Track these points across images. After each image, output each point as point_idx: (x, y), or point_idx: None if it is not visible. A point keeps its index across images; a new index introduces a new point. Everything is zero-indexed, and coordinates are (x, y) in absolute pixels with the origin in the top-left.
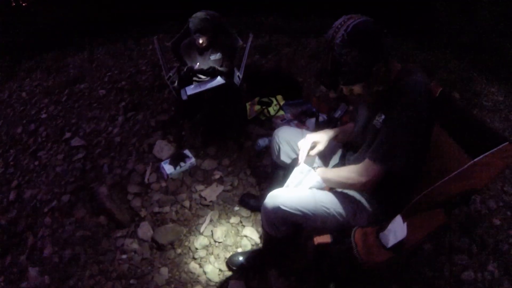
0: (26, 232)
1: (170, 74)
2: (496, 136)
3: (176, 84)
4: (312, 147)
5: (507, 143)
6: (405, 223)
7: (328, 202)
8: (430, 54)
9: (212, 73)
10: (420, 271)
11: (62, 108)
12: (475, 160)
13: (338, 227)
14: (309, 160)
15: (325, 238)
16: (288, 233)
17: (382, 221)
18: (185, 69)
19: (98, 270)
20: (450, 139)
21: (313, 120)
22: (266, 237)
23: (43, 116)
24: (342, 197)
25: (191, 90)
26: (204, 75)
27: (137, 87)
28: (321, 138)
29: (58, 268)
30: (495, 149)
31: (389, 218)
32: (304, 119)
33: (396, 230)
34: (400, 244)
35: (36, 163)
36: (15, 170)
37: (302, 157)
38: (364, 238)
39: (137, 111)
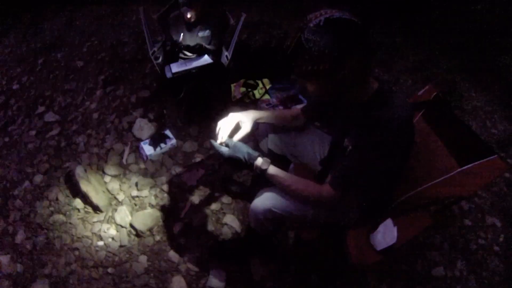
0: None
1: (155, 48)
2: (486, 147)
3: (160, 60)
4: (237, 129)
5: (495, 156)
6: (396, 227)
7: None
8: (420, 51)
9: (199, 51)
10: (394, 264)
11: (35, 78)
12: (463, 168)
13: (328, 224)
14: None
15: (312, 234)
16: (275, 231)
17: (371, 219)
18: (170, 45)
19: (74, 257)
20: (439, 142)
21: (299, 106)
22: (251, 231)
23: (15, 87)
24: None
25: (176, 67)
26: (190, 52)
27: (118, 60)
28: (247, 118)
29: (31, 255)
30: (484, 160)
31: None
32: (290, 105)
33: (386, 233)
34: (390, 248)
35: (7, 139)
36: None
37: (222, 137)
38: (356, 239)
39: (117, 85)
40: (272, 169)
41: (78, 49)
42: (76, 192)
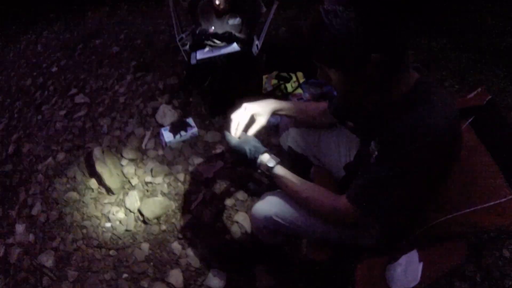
0: (20, 187)
1: (183, 35)
2: None
3: (187, 46)
4: (252, 122)
5: None
6: (421, 263)
7: None
8: (420, 52)
9: (227, 39)
10: None
11: (73, 63)
12: None
13: (340, 243)
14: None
15: (323, 254)
16: (279, 242)
17: (392, 246)
18: (197, 32)
19: (82, 235)
20: (489, 158)
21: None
22: (255, 239)
23: (54, 69)
24: None
25: (202, 54)
26: (219, 40)
27: (152, 47)
28: (263, 110)
29: (44, 227)
30: None
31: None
32: (323, 101)
33: (408, 269)
34: None
35: (39, 117)
36: (18, 123)
37: (236, 131)
38: (367, 270)
39: (148, 71)
40: (280, 169)
41: (116, 36)
42: (93, 172)
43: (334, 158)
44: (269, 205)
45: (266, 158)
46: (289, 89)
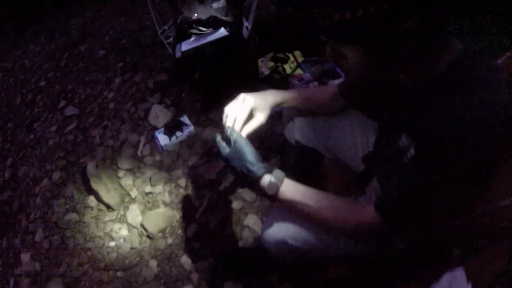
0: (20, 213)
1: (165, 27)
2: None
3: (171, 39)
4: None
5: None
6: (470, 284)
7: None
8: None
9: (213, 24)
10: None
11: (60, 73)
12: None
13: (365, 258)
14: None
15: (342, 270)
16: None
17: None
18: (179, 21)
19: (87, 258)
20: None
21: (336, 82)
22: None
23: (42, 84)
24: None
25: (186, 45)
26: (204, 26)
27: (138, 45)
28: (263, 103)
29: (48, 254)
30: None
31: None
32: (325, 80)
33: None
34: None
35: (32, 136)
36: (11, 146)
37: (235, 126)
38: None
39: (136, 71)
40: (286, 191)
41: (101, 39)
42: (89, 189)
43: (349, 149)
44: (279, 228)
45: (265, 183)
46: (288, 70)
